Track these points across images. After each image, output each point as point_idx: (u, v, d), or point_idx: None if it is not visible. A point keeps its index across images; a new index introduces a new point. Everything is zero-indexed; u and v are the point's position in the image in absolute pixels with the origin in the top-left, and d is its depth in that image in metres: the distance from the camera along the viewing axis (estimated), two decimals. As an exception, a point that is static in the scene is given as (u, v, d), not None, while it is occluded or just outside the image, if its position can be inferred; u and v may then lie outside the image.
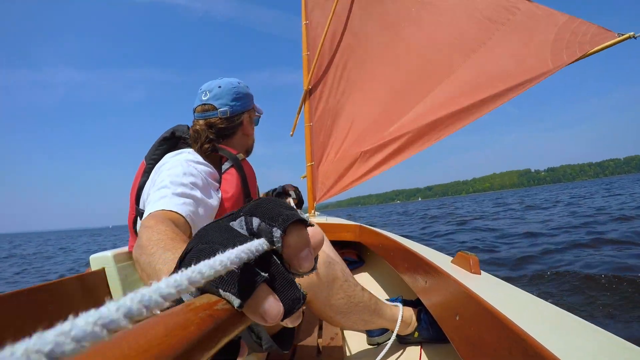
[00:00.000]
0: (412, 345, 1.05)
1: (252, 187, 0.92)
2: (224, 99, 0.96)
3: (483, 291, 0.62)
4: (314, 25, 2.81)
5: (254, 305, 0.21)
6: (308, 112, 2.69)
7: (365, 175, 2.39)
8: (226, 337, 0.20)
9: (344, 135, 2.57)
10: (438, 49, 2.30)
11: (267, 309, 0.21)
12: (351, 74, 2.63)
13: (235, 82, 0.99)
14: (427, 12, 2.39)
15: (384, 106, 2.45)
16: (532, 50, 1.96)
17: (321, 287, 0.82)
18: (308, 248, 0.24)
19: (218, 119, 0.95)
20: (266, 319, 0.21)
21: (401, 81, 2.42)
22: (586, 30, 1.84)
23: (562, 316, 0.55)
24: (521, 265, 3.27)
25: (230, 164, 0.90)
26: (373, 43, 2.58)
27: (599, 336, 0.47)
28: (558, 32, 1.90)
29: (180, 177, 0.74)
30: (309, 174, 2.63)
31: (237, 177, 0.88)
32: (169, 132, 0.97)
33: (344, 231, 2.01)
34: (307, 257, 0.24)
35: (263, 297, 0.21)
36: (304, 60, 2.77)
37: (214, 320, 0.18)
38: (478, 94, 2.06)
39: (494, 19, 2.11)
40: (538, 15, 2.00)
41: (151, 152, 0.94)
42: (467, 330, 0.60)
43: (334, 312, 0.87)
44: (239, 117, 0.99)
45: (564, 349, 0.41)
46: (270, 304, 0.21)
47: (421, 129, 2.23)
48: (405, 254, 1.16)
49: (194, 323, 0.17)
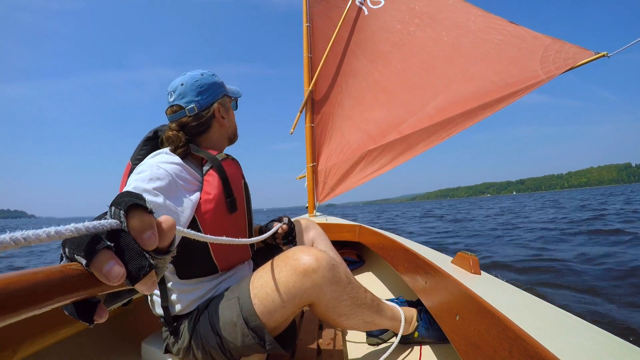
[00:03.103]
0: (412, 345, 1.05)
1: (235, 186, 0.90)
2: (189, 95, 0.93)
3: (483, 291, 0.62)
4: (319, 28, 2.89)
5: (98, 265, 0.26)
6: (310, 113, 2.70)
7: (372, 173, 2.48)
8: (78, 291, 0.26)
9: (346, 136, 2.59)
10: (437, 62, 2.47)
11: (109, 269, 0.26)
12: (356, 80, 2.71)
13: (197, 75, 0.96)
14: (428, 29, 2.59)
15: (387, 109, 2.53)
16: (524, 64, 2.21)
17: (325, 290, 0.81)
18: (150, 230, 0.30)
19: (188, 118, 0.93)
20: (109, 278, 0.26)
21: (403, 86, 2.52)
22: (568, 49, 2.18)
23: (562, 316, 0.55)
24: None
25: (209, 166, 0.88)
26: (378, 50, 2.69)
27: (599, 336, 0.47)
28: (545, 50, 2.20)
29: (145, 182, 0.73)
30: (309, 175, 2.63)
31: (217, 179, 0.86)
32: (151, 132, 0.95)
33: (344, 231, 2.01)
34: (150, 238, 0.29)
35: (104, 259, 0.26)
36: (305, 62, 2.79)
37: (62, 274, 0.25)
38: (479, 100, 2.22)
39: (486, 39, 2.38)
40: (526, 37, 2.30)
41: (136, 152, 0.93)
42: (467, 330, 0.60)
43: (337, 315, 0.87)
44: (208, 110, 0.96)
45: (564, 349, 0.41)
46: (112, 265, 0.26)
47: (427, 129, 2.31)
48: (405, 254, 1.16)
49: (43, 272, 0.24)
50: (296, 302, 0.80)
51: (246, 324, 0.80)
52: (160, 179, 0.75)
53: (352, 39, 2.81)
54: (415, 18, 2.65)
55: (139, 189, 0.71)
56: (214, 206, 0.84)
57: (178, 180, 0.80)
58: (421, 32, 2.59)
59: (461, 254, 0.90)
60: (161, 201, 0.72)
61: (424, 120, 2.33)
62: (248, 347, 0.81)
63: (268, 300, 0.80)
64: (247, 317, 0.80)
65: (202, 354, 0.84)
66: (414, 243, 1.39)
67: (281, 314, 0.80)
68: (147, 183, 0.73)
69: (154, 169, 0.77)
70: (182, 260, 0.84)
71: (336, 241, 2.04)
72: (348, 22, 2.82)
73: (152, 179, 0.74)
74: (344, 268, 0.88)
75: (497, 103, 2.17)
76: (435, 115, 2.30)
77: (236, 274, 0.96)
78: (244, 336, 0.80)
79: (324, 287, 0.81)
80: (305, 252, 0.82)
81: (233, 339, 0.80)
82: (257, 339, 0.80)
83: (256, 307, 0.80)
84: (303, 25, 2.88)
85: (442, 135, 2.26)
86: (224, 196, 0.87)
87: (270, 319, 0.80)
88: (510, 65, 2.23)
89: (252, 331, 0.80)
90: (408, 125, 2.38)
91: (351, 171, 2.51)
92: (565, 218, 8.17)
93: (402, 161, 2.37)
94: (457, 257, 0.92)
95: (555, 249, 4.12)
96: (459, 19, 2.50)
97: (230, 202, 0.87)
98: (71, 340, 0.92)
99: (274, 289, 0.80)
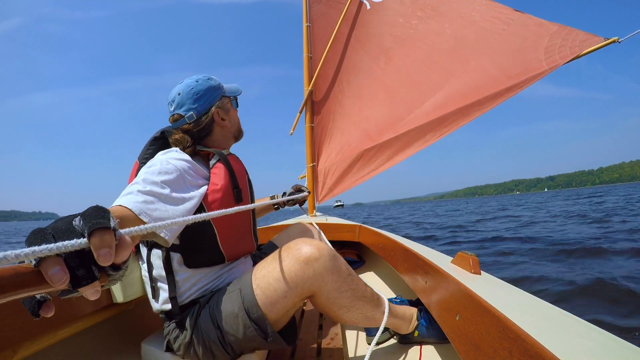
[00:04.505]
0: (412, 345, 1.05)
1: (240, 179, 0.94)
2: (186, 104, 0.96)
3: (483, 291, 0.62)
4: (319, 28, 2.86)
5: (44, 268, 0.31)
6: (310, 113, 2.70)
7: (368, 174, 2.43)
8: (28, 287, 0.30)
9: (346, 135, 2.58)
10: (439, 56, 2.40)
11: (54, 273, 0.31)
12: (356, 78, 2.68)
13: (192, 83, 0.98)
14: (426, 24, 2.52)
15: (386, 107, 2.49)
16: (528, 54, 2.11)
17: (326, 280, 0.83)
18: (107, 249, 0.34)
19: (189, 125, 0.97)
20: (52, 280, 0.31)
21: (404, 83, 2.47)
22: (575, 36, 2.04)
23: (562, 316, 0.55)
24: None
25: (217, 159, 0.94)
26: (379, 46, 2.64)
27: (599, 336, 0.47)
28: (550, 38, 2.09)
29: (154, 175, 0.77)
30: (309, 175, 2.63)
31: (224, 170, 0.91)
32: (158, 132, 0.99)
33: (344, 231, 2.01)
34: (105, 255, 0.34)
35: (51, 264, 0.31)
36: (305, 62, 2.79)
37: (15, 271, 0.30)
38: (479, 94, 2.14)
39: (490, 29, 2.27)
40: (530, 25, 2.18)
41: (143, 152, 0.97)
42: (467, 330, 0.60)
43: (337, 307, 0.88)
44: (207, 115, 0.99)
45: (564, 349, 0.41)
46: (57, 270, 0.31)
47: (423, 127, 2.26)
48: (405, 254, 1.16)
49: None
50: (298, 292, 0.82)
51: (248, 316, 0.81)
52: (168, 173, 0.79)
53: (353, 35, 2.75)
54: (418, 11, 2.58)
55: (148, 181, 0.74)
56: (221, 195, 0.88)
57: (186, 176, 0.83)
58: (424, 26, 2.52)
59: (461, 254, 0.90)
60: (168, 193, 0.75)
61: (421, 118, 2.28)
62: (249, 338, 0.82)
63: (270, 289, 0.81)
64: (249, 309, 0.81)
65: (203, 350, 0.84)
66: (414, 243, 1.39)
67: (283, 304, 0.82)
68: (157, 176, 0.76)
69: (164, 164, 0.81)
70: (190, 248, 0.87)
71: (336, 241, 2.04)
72: (349, 17, 2.77)
73: (161, 172, 0.78)
74: (343, 261, 0.90)
75: (496, 97, 2.10)
76: (432, 112, 2.25)
77: (238, 267, 0.98)
78: (245, 328, 0.81)
79: (325, 276, 0.83)
80: (307, 243, 0.85)
81: (234, 332, 0.82)
82: (258, 331, 0.81)
83: (258, 297, 0.81)
84: (303, 25, 2.87)
85: (438, 134, 2.21)
86: (231, 186, 0.91)
87: (272, 310, 0.81)
88: (513, 56, 2.14)
89: (253, 323, 0.81)
90: (405, 124, 2.34)
91: (349, 171, 2.49)
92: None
93: (397, 161, 2.32)
94: (457, 257, 0.92)
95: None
96: (463, 9, 2.42)
97: (237, 193, 0.92)
98: (71, 340, 0.92)
99: (276, 278, 0.82)
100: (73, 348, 0.93)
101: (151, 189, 0.72)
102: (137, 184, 0.73)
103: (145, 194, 0.70)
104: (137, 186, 0.72)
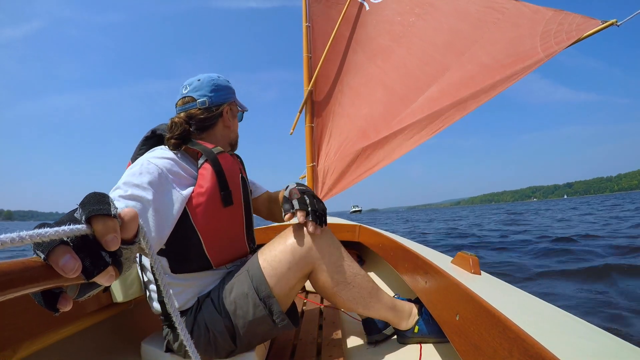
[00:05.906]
0: (412, 345, 1.05)
1: (231, 180, 0.90)
2: (203, 90, 0.98)
3: (483, 291, 0.62)
4: (318, 28, 2.86)
5: (54, 258, 0.30)
6: (309, 113, 2.70)
7: (365, 172, 2.42)
8: (38, 282, 0.29)
9: (344, 134, 2.58)
10: (434, 50, 2.39)
11: (65, 263, 0.30)
12: (355, 77, 2.69)
13: (214, 76, 1.02)
14: (423, 20, 2.53)
15: (383, 105, 2.48)
16: (522, 42, 2.07)
17: (325, 252, 0.89)
18: (113, 234, 0.34)
19: (197, 110, 0.97)
20: (65, 270, 0.30)
21: (401, 80, 2.47)
22: (572, 20, 1.97)
23: (562, 316, 0.55)
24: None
25: (204, 159, 0.89)
26: (377, 45, 2.65)
27: (599, 336, 0.47)
28: (546, 24, 2.03)
29: (135, 176, 0.75)
30: (309, 175, 2.63)
31: (211, 172, 0.87)
32: (150, 132, 0.97)
33: (344, 231, 2.01)
34: (112, 240, 0.33)
35: (60, 253, 0.30)
36: (305, 62, 2.79)
37: (24, 265, 0.29)
38: (474, 86, 2.12)
39: (485, 20, 2.25)
40: (525, 12, 2.14)
41: (135, 152, 0.94)
42: (467, 330, 0.60)
43: (335, 282, 0.91)
44: (218, 108, 1.00)
45: (564, 349, 0.41)
46: (67, 259, 0.30)
47: (420, 122, 2.25)
48: (405, 254, 1.16)
49: (7, 263, 0.28)
50: (301, 266, 0.87)
51: (257, 294, 0.84)
52: (150, 173, 0.77)
53: (353, 35, 2.76)
54: (416, 7, 2.58)
55: (129, 184, 0.73)
56: (206, 199, 0.85)
57: (169, 175, 0.81)
58: (422, 22, 2.52)
59: (461, 254, 0.90)
60: (149, 196, 0.73)
61: (416, 114, 2.26)
62: (258, 320, 0.84)
63: (275, 260, 0.87)
64: (258, 287, 0.85)
65: (205, 345, 0.84)
66: (414, 243, 1.39)
67: (287, 279, 0.86)
68: (137, 177, 0.75)
69: (145, 164, 0.79)
70: (175, 254, 0.85)
71: None
72: (349, 19, 2.78)
73: (142, 173, 0.76)
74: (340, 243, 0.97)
75: (491, 89, 2.06)
76: (427, 107, 2.22)
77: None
78: (255, 307, 0.84)
79: (325, 248, 0.89)
80: (310, 222, 0.88)
81: (244, 313, 0.84)
82: (266, 310, 0.85)
83: (265, 270, 0.85)
84: (302, 25, 2.87)
85: (434, 128, 2.17)
86: (218, 189, 0.87)
87: (278, 284, 0.86)
88: (507, 46, 2.10)
89: (262, 302, 0.85)
90: (399, 120, 2.32)
91: (347, 170, 2.48)
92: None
93: (394, 158, 2.30)
94: (457, 257, 0.92)
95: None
96: (460, 2, 2.41)
97: (224, 196, 0.88)
98: (71, 340, 0.92)
99: (281, 250, 0.88)
100: (73, 348, 0.93)
101: (132, 193, 0.71)
102: (119, 189, 0.71)
103: (127, 199, 0.69)
104: (119, 191, 0.70)
